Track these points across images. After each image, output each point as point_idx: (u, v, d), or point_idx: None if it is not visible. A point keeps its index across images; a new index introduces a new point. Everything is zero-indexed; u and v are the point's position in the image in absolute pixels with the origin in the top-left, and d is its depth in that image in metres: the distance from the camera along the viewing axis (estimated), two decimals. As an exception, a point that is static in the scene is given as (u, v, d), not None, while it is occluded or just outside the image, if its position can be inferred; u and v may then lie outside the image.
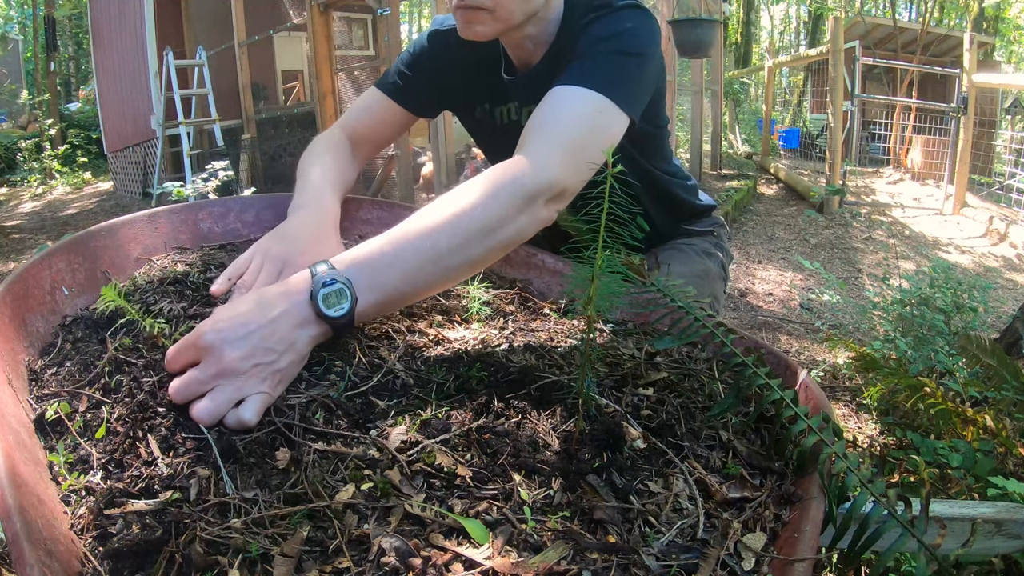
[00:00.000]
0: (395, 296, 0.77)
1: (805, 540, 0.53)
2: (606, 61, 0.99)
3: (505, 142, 1.31)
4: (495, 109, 1.27)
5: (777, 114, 12.90)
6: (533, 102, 1.20)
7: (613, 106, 0.95)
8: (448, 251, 0.78)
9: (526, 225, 0.85)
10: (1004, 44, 16.64)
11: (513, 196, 0.83)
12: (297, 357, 0.69)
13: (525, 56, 1.16)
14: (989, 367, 1.46)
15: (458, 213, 0.80)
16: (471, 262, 0.81)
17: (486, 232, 0.80)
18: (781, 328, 3.28)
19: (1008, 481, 1.02)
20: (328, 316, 0.70)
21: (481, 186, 0.83)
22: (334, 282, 0.71)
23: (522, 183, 0.84)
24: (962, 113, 6.49)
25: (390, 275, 0.76)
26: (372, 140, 1.27)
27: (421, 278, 0.78)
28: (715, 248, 1.45)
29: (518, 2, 1.03)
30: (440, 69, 1.23)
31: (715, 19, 4.55)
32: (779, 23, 23.38)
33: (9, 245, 6.02)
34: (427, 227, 0.78)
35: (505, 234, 0.83)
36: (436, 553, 0.49)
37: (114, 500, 0.53)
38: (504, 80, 1.20)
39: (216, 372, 0.64)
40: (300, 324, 0.70)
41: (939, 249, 5.55)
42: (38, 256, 0.85)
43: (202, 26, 7.88)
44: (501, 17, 1.03)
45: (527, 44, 1.14)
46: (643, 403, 0.72)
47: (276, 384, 0.66)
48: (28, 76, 15.92)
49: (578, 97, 0.95)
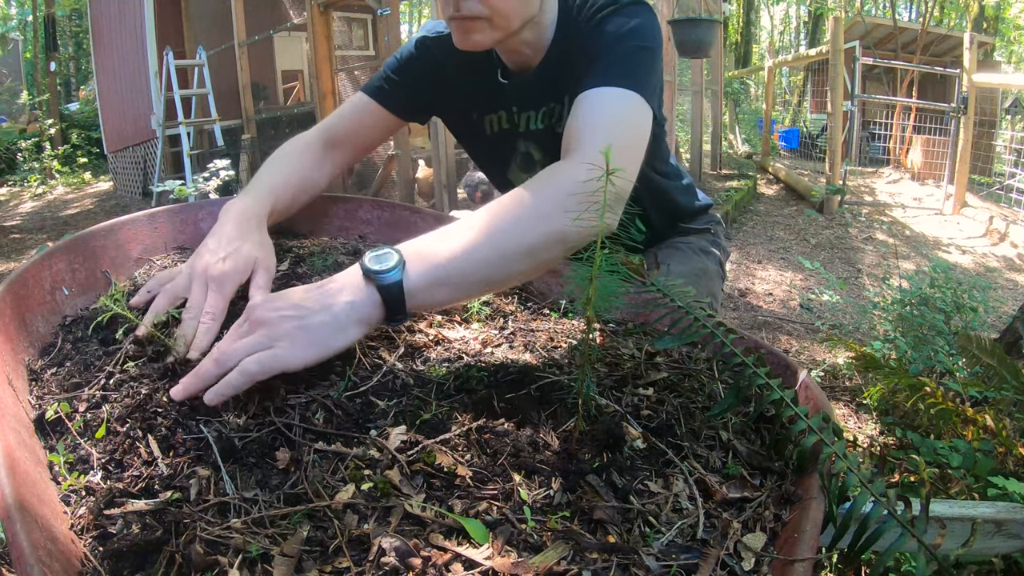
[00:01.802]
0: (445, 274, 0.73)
1: (805, 540, 0.53)
2: (628, 58, 0.99)
3: (495, 151, 1.31)
4: (484, 117, 1.25)
5: (777, 114, 12.90)
6: (532, 107, 1.19)
7: (642, 101, 0.96)
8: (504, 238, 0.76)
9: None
10: (1004, 44, 16.64)
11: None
12: (330, 319, 0.66)
13: (522, 61, 1.15)
14: (989, 367, 1.46)
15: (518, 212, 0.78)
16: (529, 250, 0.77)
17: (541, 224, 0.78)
18: (781, 328, 3.28)
19: (1008, 481, 1.02)
20: (373, 270, 0.69)
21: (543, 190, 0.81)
22: (382, 247, 0.72)
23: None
24: (962, 113, 6.49)
25: (438, 247, 0.74)
26: (352, 142, 1.24)
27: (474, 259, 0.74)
28: (712, 246, 1.45)
29: (515, 9, 1.02)
30: (427, 76, 1.22)
31: (715, 19, 4.55)
32: (779, 23, 23.38)
33: (9, 245, 6.02)
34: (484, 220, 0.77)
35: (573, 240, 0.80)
36: (436, 553, 0.49)
37: (114, 500, 0.53)
38: (494, 88, 1.19)
39: (247, 326, 0.67)
40: (343, 288, 0.69)
41: (939, 249, 5.55)
42: (38, 256, 0.85)
43: (202, 26, 7.88)
44: (499, 25, 1.02)
45: (524, 49, 1.13)
46: (643, 403, 0.72)
47: (298, 346, 0.65)
48: (28, 76, 15.92)
49: (614, 98, 0.95)
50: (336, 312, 0.67)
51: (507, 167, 1.31)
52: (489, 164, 1.38)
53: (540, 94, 1.16)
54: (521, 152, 1.27)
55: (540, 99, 1.17)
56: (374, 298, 0.69)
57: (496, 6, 0.99)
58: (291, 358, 0.65)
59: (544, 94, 1.16)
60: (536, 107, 1.18)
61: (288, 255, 1.01)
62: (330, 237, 1.17)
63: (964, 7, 13.16)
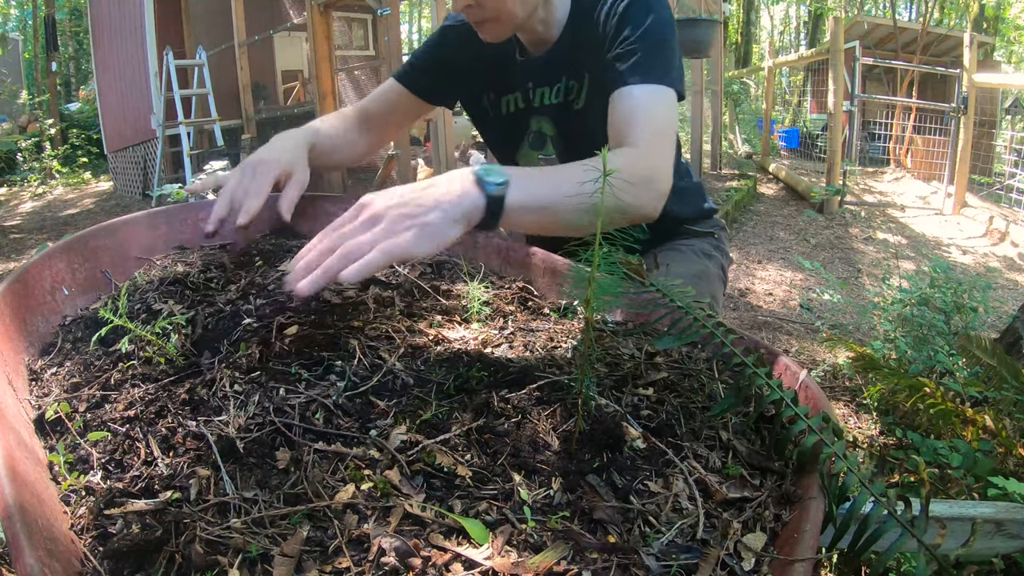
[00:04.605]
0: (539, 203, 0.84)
1: (805, 540, 0.53)
2: (656, 51, 1.08)
3: (509, 132, 1.35)
4: (501, 99, 1.33)
5: (777, 114, 12.89)
6: (547, 83, 1.25)
7: (673, 93, 1.08)
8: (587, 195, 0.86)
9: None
10: (1004, 44, 16.63)
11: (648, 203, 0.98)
12: (443, 215, 0.73)
13: (539, 38, 1.22)
14: (989, 367, 1.45)
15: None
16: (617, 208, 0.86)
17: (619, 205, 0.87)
18: (781, 328, 3.28)
19: (1008, 481, 1.02)
20: (486, 181, 0.77)
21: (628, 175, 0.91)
22: (494, 167, 0.81)
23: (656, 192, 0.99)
24: (962, 113, 6.49)
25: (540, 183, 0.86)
26: (384, 123, 1.36)
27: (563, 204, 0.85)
28: (715, 250, 1.45)
29: (517, 5, 1.08)
30: (449, 59, 1.31)
31: (715, 19, 4.55)
32: (779, 23, 23.38)
33: (9, 245, 6.02)
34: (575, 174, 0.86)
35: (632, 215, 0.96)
36: (436, 553, 0.49)
37: (114, 500, 0.53)
38: (512, 67, 1.26)
39: (362, 219, 0.71)
40: (452, 188, 0.75)
41: (940, 249, 5.55)
42: (38, 256, 0.85)
43: (202, 26, 7.88)
44: (506, 20, 1.09)
45: (539, 28, 1.19)
46: (643, 403, 0.72)
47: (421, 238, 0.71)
48: (28, 76, 15.91)
49: (652, 96, 1.06)
50: (447, 208, 0.74)
51: (519, 147, 1.37)
52: (501, 144, 1.46)
53: (556, 70, 1.24)
54: (533, 131, 1.34)
55: (556, 74, 1.24)
56: (479, 203, 0.77)
57: (497, 8, 1.07)
58: (416, 249, 0.72)
59: (560, 70, 1.23)
60: (551, 82, 1.25)
61: (288, 255, 1.01)
62: (330, 237, 1.17)
63: (964, 7, 13.16)
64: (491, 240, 1.16)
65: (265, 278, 0.93)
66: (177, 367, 0.70)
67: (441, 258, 1.12)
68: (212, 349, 0.74)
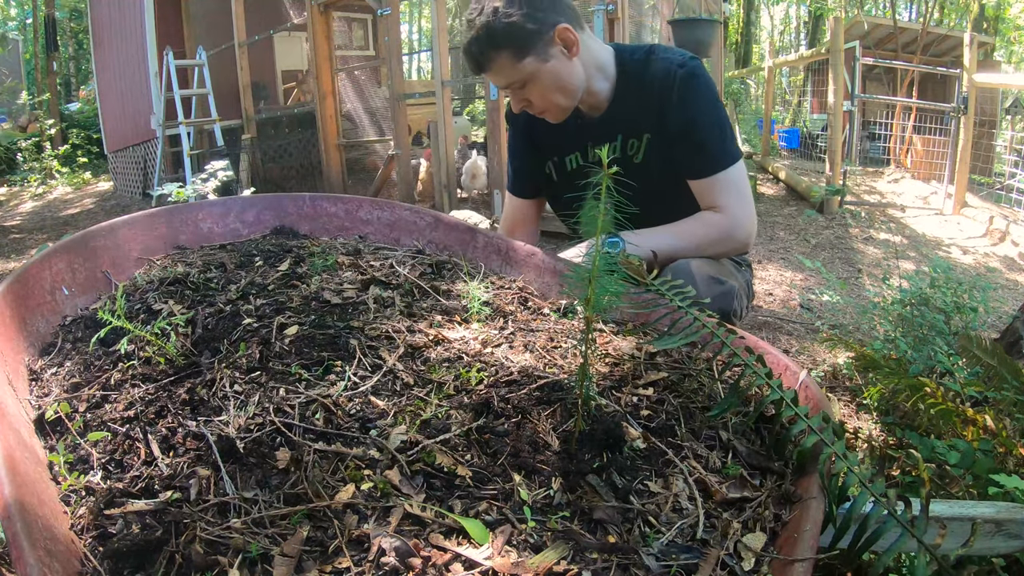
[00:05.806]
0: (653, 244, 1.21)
1: (805, 540, 0.53)
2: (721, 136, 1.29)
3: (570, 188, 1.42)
4: (564, 159, 1.46)
5: (777, 114, 12.88)
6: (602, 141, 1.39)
7: (740, 161, 1.33)
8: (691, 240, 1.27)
9: None
10: (1004, 44, 16.62)
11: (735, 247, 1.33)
12: None
13: (593, 103, 1.36)
14: (989, 367, 1.45)
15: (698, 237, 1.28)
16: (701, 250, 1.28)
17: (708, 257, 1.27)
18: (781, 328, 3.27)
19: (1010, 478, 1.01)
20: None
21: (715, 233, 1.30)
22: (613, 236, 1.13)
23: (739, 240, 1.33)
24: (962, 113, 6.48)
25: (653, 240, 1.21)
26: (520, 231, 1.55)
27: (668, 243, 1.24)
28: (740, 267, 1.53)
29: (564, 95, 1.26)
30: (526, 145, 1.48)
31: (715, 19, 4.55)
32: (779, 23, 23.36)
33: (9, 245, 6.02)
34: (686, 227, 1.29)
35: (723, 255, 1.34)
36: (436, 553, 0.49)
37: (114, 500, 0.53)
38: (572, 129, 1.39)
39: None
40: None
41: (940, 249, 5.54)
42: (38, 256, 0.85)
43: (202, 26, 7.87)
44: (562, 106, 1.28)
45: (589, 99, 1.34)
46: (643, 403, 0.72)
47: None
48: (28, 76, 15.90)
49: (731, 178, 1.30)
50: None
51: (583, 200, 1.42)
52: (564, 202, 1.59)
53: (612, 128, 1.38)
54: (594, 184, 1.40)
55: (612, 132, 1.39)
56: None
57: (545, 105, 1.25)
58: None
59: (616, 128, 1.38)
60: (609, 139, 1.39)
61: (288, 255, 1.01)
62: (330, 237, 1.17)
63: (964, 7, 13.16)
64: (491, 240, 1.16)
65: (265, 278, 0.93)
66: (177, 367, 0.70)
67: (441, 258, 1.12)
68: (212, 349, 0.74)
